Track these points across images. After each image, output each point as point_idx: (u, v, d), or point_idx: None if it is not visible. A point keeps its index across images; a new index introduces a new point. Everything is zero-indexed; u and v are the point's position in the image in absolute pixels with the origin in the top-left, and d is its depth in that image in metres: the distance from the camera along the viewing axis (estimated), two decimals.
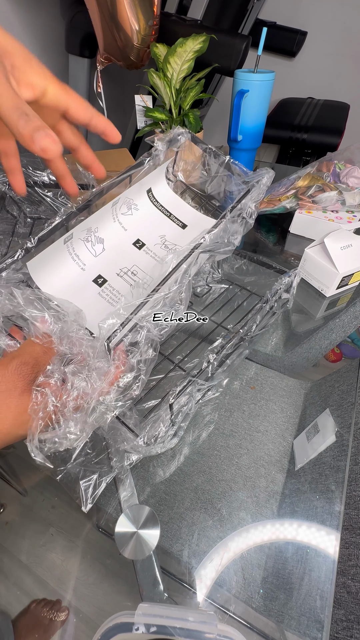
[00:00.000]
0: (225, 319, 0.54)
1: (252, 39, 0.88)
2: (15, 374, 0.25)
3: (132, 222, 0.43)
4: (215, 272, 0.60)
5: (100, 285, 0.39)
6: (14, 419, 0.24)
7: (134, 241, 0.42)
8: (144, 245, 0.43)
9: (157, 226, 0.44)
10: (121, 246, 0.42)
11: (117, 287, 0.40)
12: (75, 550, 0.35)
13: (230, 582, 0.33)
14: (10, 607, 0.32)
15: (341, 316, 0.57)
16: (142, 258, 0.42)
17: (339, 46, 1.51)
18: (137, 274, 0.41)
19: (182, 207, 0.47)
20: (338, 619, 0.43)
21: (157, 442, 0.33)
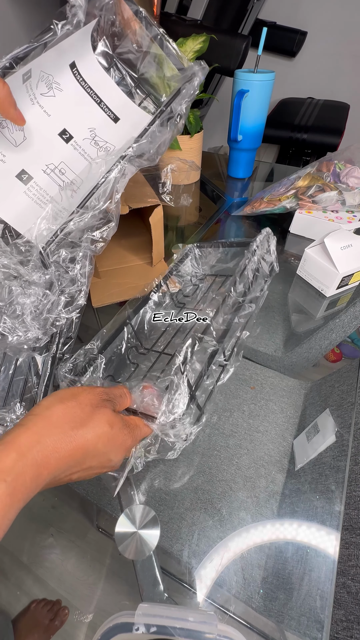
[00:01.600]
0: (222, 303, 0.51)
1: (252, 39, 0.88)
2: (99, 396, 0.28)
3: (55, 107, 0.36)
4: (197, 270, 0.59)
5: (26, 183, 0.35)
6: (95, 427, 0.26)
7: (60, 131, 0.36)
8: (72, 138, 0.37)
9: (85, 115, 0.38)
10: (45, 136, 0.36)
11: (44, 186, 0.36)
12: (75, 550, 0.35)
13: (230, 582, 0.33)
14: (10, 607, 0.32)
15: (341, 316, 0.57)
16: (70, 154, 0.37)
17: (339, 46, 1.51)
18: (66, 173, 0.37)
19: (114, 93, 0.39)
20: (338, 619, 0.43)
21: (181, 421, 0.31)
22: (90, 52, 0.38)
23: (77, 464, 0.25)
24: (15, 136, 0.34)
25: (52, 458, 0.23)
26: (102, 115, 0.38)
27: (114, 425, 0.27)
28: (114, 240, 0.63)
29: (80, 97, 0.37)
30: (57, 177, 0.36)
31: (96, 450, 0.26)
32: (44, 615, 0.31)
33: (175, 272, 0.55)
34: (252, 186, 0.97)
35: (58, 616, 0.31)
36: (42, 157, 0.35)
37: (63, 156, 0.36)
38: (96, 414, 0.26)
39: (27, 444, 0.22)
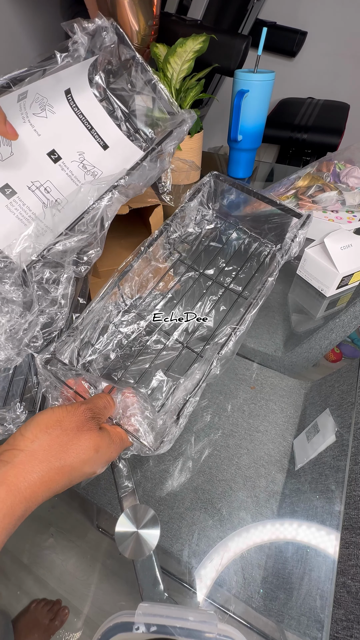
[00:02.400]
0: (220, 272, 0.48)
1: (252, 39, 0.88)
2: (83, 416, 0.28)
3: (47, 128, 0.37)
4: (205, 209, 0.52)
5: (9, 197, 0.35)
6: (80, 453, 0.26)
7: (49, 151, 0.37)
8: (60, 159, 0.37)
9: (76, 140, 0.39)
10: (33, 154, 0.36)
11: (28, 203, 0.36)
12: (75, 550, 0.36)
13: (230, 582, 0.33)
14: (10, 607, 0.32)
15: (341, 316, 0.57)
16: (57, 174, 0.37)
17: (339, 46, 1.51)
18: (51, 192, 0.37)
19: (106, 123, 0.41)
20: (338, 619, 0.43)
21: (163, 445, 0.32)
22: (86, 83, 0.40)
23: (62, 488, 0.26)
24: (2, 150, 0.35)
25: (40, 491, 0.24)
26: (92, 141, 0.40)
27: (99, 449, 0.27)
28: (114, 240, 0.63)
29: (71, 121, 0.38)
30: (42, 195, 0.36)
31: (81, 473, 0.26)
32: (44, 615, 0.31)
33: (180, 212, 0.50)
34: (252, 186, 0.97)
35: (58, 616, 0.31)
36: (28, 174, 0.36)
37: (50, 175, 0.37)
38: (82, 439, 0.26)
39: (14, 481, 0.23)
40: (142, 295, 0.49)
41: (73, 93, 0.38)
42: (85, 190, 0.36)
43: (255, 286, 0.41)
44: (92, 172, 0.39)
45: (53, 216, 0.36)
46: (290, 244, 0.44)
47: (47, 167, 0.37)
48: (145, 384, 0.42)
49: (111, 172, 0.40)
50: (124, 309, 0.47)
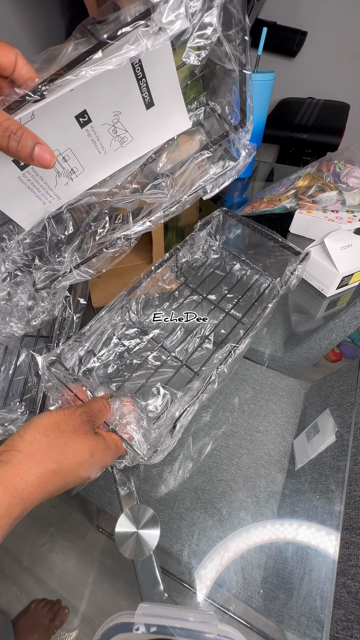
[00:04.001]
0: (222, 299, 0.51)
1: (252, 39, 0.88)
2: (79, 419, 0.28)
3: (83, 80, 0.28)
4: (212, 240, 0.56)
5: (22, 169, 0.30)
6: (76, 456, 0.26)
7: (79, 113, 0.30)
8: (90, 122, 0.31)
9: (116, 94, 0.30)
10: (59, 117, 0.29)
11: (42, 173, 0.32)
12: (75, 550, 0.36)
13: (230, 582, 0.33)
14: (10, 607, 0.32)
15: (341, 316, 0.57)
16: (81, 140, 0.31)
17: (339, 46, 1.51)
18: (69, 160, 0.32)
19: (165, 72, 0.31)
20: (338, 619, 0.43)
21: (158, 454, 0.33)
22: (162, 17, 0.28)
23: (58, 490, 0.26)
24: (21, 117, 0.28)
25: (36, 492, 0.24)
26: (137, 94, 0.31)
27: (95, 453, 0.28)
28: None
29: (119, 68, 0.28)
30: (59, 164, 0.32)
31: (77, 476, 0.27)
32: (44, 615, 0.31)
33: (190, 241, 0.52)
34: (252, 186, 0.97)
35: (58, 616, 0.31)
36: (47, 142, 0.28)
37: (72, 142, 0.31)
38: (78, 442, 0.27)
39: (12, 482, 0.23)
40: (147, 312, 0.51)
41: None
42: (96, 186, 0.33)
43: (255, 312, 0.43)
44: (121, 137, 0.33)
45: (64, 185, 0.33)
46: (290, 277, 0.47)
47: (71, 133, 0.30)
48: (143, 397, 0.43)
49: (142, 141, 0.34)
50: (129, 323, 0.49)
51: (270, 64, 1.55)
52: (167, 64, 0.32)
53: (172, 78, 0.33)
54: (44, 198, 0.34)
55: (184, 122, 0.35)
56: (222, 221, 0.54)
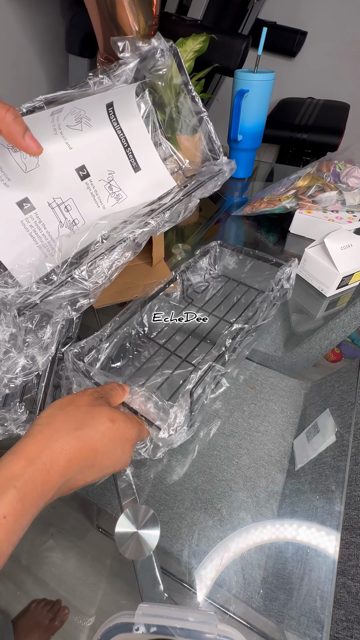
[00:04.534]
0: (226, 313, 0.54)
1: (252, 39, 0.88)
2: (92, 396, 0.29)
3: (80, 141, 0.34)
4: (212, 268, 0.61)
5: (26, 213, 0.32)
6: (96, 424, 0.27)
7: (79, 166, 0.34)
8: (88, 176, 0.35)
9: (109, 156, 0.36)
10: (61, 168, 0.33)
11: (45, 220, 0.33)
12: (75, 550, 0.35)
13: (230, 582, 0.33)
14: (10, 607, 0.32)
15: (341, 316, 0.57)
16: (82, 192, 0.35)
17: (339, 46, 1.51)
18: (71, 210, 0.35)
19: (145, 144, 0.38)
20: (338, 619, 0.43)
21: (178, 433, 0.33)
22: (132, 98, 0.37)
23: (88, 464, 0.25)
24: (27, 162, 0.31)
25: (62, 460, 0.23)
26: (125, 160, 0.37)
27: (115, 420, 0.27)
28: None
29: (108, 136, 0.35)
30: (61, 213, 0.34)
31: (104, 446, 0.26)
32: (44, 616, 0.31)
33: (192, 267, 0.56)
34: (252, 186, 0.97)
35: (58, 616, 0.31)
36: (51, 189, 0.32)
37: (73, 193, 0.34)
38: (95, 413, 0.27)
39: (35, 451, 0.23)
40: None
41: (115, 106, 0.35)
42: (99, 227, 0.34)
43: (257, 317, 0.47)
44: (116, 194, 0.37)
45: (66, 237, 0.34)
46: (274, 287, 0.51)
47: (73, 184, 0.34)
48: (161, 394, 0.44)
49: (136, 199, 0.38)
50: (141, 332, 0.51)
51: (270, 64, 1.55)
52: (145, 141, 0.38)
53: (151, 151, 0.39)
54: (45, 249, 0.34)
55: (169, 182, 0.40)
56: (219, 251, 0.61)
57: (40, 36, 1.11)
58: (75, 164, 0.34)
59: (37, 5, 1.06)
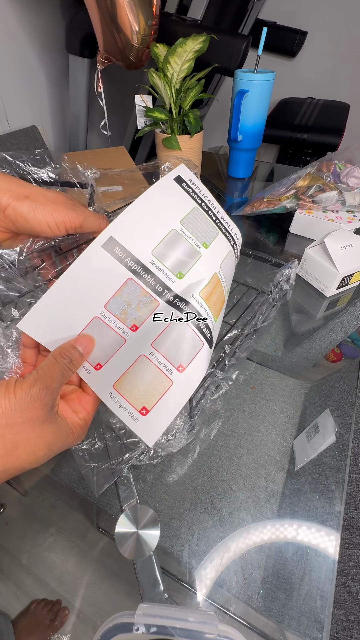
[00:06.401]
0: (226, 314, 0.54)
1: (252, 39, 0.88)
2: (36, 402, 0.21)
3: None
4: None
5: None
6: (29, 455, 0.21)
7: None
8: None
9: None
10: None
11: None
12: (75, 550, 0.35)
13: (230, 583, 0.33)
14: (10, 607, 0.32)
15: (341, 316, 0.57)
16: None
17: (339, 46, 1.51)
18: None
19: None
20: (338, 619, 0.43)
21: (177, 438, 0.33)
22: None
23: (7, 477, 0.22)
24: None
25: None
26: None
27: (54, 446, 0.23)
28: None
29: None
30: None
31: (23, 471, 0.22)
32: (44, 616, 0.31)
33: None
34: (252, 186, 0.97)
35: (58, 616, 0.31)
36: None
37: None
38: (32, 436, 0.21)
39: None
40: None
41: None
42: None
43: (256, 320, 0.47)
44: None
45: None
46: (273, 290, 0.51)
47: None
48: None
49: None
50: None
51: (270, 64, 1.55)
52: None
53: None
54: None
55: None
56: None
57: (40, 36, 1.11)
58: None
59: (37, 5, 1.06)
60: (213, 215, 0.32)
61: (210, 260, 0.30)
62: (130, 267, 0.27)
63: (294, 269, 0.53)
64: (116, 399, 0.26)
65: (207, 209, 0.32)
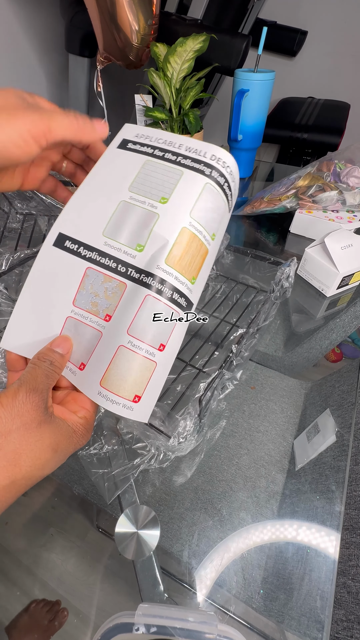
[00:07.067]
0: (227, 313, 0.54)
1: (252, 39, 0.88)
2: (27, 405, 0.21)
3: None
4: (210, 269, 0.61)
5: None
6: (35, 460, 0.21)
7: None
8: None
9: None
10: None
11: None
12: (75, 550, 0.35)
13: (230, 583, 0.33)
14: (10, 607, 0.32)
15: (341, 316, 0.57)
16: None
17: (340, 45, 1.51)
18: None
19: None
20: (338, 619, 0.43)
21: (187, 440, 0.33)
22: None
23: (8, 504, 0.21)
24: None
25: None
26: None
27: (58, 445, 0.22)
28: None
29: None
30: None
31: (39, 478, 0.22)
32: (42, 616, 0.31)
33: None
34: (252, 186, 0.97)
35: (57, 617, 0.31)
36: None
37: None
38: (32, 440, 0.21)
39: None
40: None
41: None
42: None
43: (256, 319, 0.47)
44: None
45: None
46: (275, 289, 0.51)
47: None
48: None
49: None
50: None
51: (270, 64, 1.54)
52: None
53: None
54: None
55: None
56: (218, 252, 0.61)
57: (40, 35, 1.11)
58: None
59: (37, 4, 1.06)
60: (172, 155, 0.27)
61: (173, 215, 0.26)
62: (86, 256, 0.26)
63: (293, 266, 0.53)
64: (106, 397, 0.25)
65: (162, 153, 0.27)
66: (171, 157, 0.27)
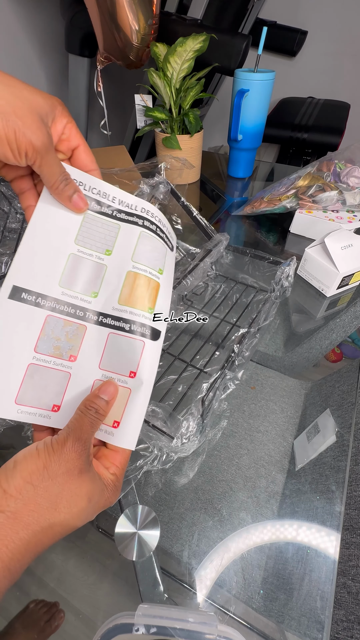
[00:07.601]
0: (227, 313, 0.54)
1: (252, 39, 0.88)
2: (72, 453, 0.22)
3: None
4: (209, 269, 0.61)
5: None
6: (71, 506, 0.22)
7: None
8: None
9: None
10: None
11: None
12: (75, 550, 0.35)
13: (230, 583, 0.33)
14: (10, 607, 0.32)
15: (342, 316, 0.57)
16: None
17: (340, 45, 1.50)
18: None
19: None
20: (338, 620, 0.43)
21: (190, 441, 0.33)
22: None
23: (44, 548, 0.22)
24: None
25: (25, 559, 0.20)
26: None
27: (92, 497, 0.23)
28: None
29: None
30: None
31: (72, 528, 0.23)
32: (39, 616, 0.31)
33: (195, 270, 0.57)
34: (252, 186, 0.97)
35: (54, 618, 0.31)
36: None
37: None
38: (72, 486, 0.22)
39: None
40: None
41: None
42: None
43: (257, 319, 0.48)
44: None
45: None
46: (275, 288, 0.53)
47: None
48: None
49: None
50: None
51: (270, 64, 1.54)
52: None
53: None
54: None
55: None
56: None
57: (40, 35, 1.11)
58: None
59: (37, 4, 1.06)
60: (108, 209, 0.30)
61: (119, 263, 0.30)
62: (45, 305, 0.27)
63: (293, 266, 0.53)
64: None
65: (99, 207, 0.30)
66: (107, 211, 0.30)
